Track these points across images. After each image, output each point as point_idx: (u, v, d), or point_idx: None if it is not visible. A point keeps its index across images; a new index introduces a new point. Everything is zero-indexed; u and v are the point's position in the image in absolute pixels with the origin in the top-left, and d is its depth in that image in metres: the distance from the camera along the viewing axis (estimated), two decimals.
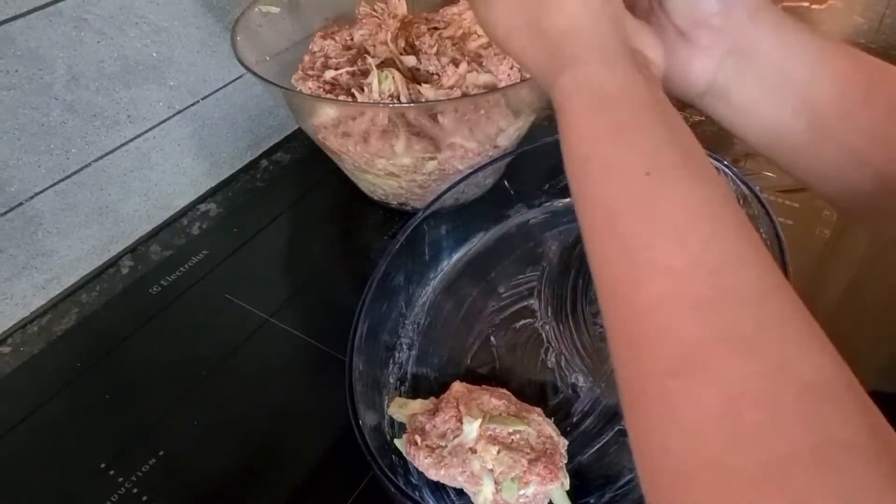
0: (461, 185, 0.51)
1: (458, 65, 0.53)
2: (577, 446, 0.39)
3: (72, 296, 0.56)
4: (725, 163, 0.43)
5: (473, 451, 0.36)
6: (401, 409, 0.41)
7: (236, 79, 0.64)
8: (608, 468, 0.39)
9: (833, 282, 0.50)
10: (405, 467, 0.38)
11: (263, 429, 0.44)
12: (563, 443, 0.38)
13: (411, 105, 0.50)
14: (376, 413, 0.40)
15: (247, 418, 0.45)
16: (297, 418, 0.45)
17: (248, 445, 0.43)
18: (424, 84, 0.52)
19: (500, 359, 0.46)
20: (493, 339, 0.47)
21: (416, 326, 0.48)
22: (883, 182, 0.30)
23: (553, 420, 0.39)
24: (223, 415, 0.45)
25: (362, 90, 0.52)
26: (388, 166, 0.53)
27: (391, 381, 0.44)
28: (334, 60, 0.56)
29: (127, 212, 0.59)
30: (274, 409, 0.45)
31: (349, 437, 0.36)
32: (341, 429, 0.40)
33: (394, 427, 0.41)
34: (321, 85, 0.53)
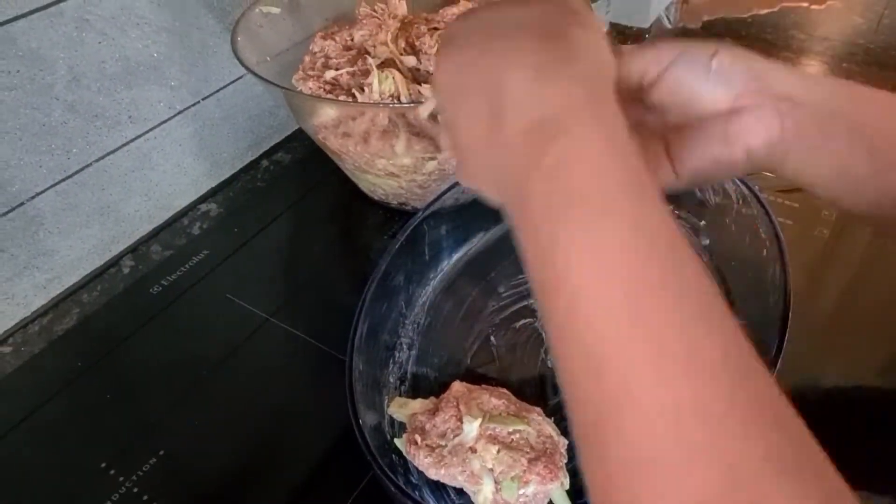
0: (461, 185, 0.51)
1: None
2: None
3: (73, 295, 0.56)
4: None
5: (473, 450, 0.36)
6: (401, 408, 0.41)
7: (237, 79, 0.64)
8: None
9: (833, 282, 0.50)
10: (405, 467, 0.38)
11: (263, 429, 0.44)
12: (563, 442, 0.38)
13: (411, 105, 0.50)
14: (376, 413, 0.40)
15: (247, 418, 0.45)
16: (297, 418, 0.45)
17: (249, 445, 0.43)
18: (425, 84, 0.52)
19: (500, 358, 0.46)
20: (493, 338, 0.47)
21: (416, 326, 0.49)
22: None
23: (553, 420, 0.39)
24: (223, 414, 0.45)
25: (363, 90, 0.52)
26: (388, 166, 0.53)
27: (391, 380, 0.44)
28: (335, 61, 0.56)
29: (128, 212, 0.59)
30: (274, 408, 0.45)
31: (349, 437, 0.36)
32: (341, 429, 0.40)
33: (394, 427, 0.41)
34: (321, 85, 0.53)
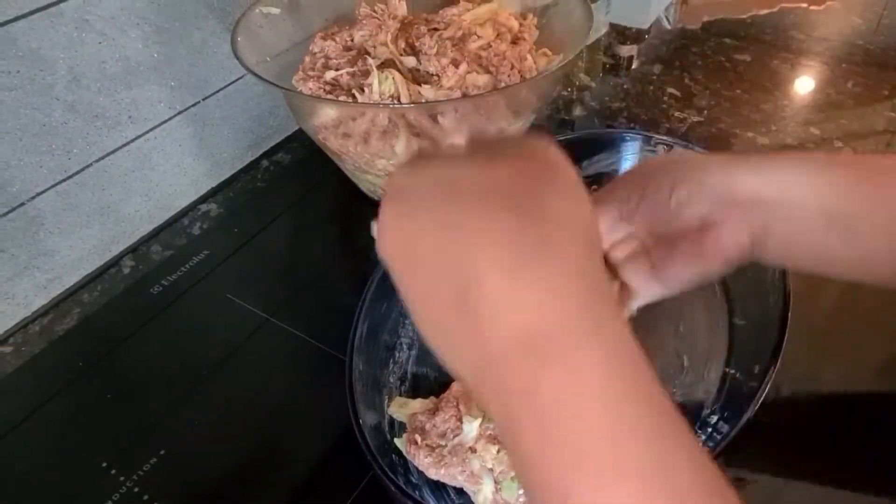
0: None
1: (457, 65, 0.53)
2: None
3: (73, 295, 0.56)
4: None
5: (473, 450, 0.37)
6: (401, 408, 0.41)
7: (237, 79, 0.64)
8: None
9: (833, 282, 0.50)
10: (405, 466, 0.38)
11: (263, 429, 0.44)
12: None
13: (411, 106, 0.51)
14: (376, 413, 0.40)
15: (247, 418, 0.45)
16: (297, 418, 0.45)
17: (249, 445, 0.43)
18: (424, 85, 0.52)
19: None
20: None
21: (416, 326, 0.48)
22: None
23: None
24: (224, 414, 0.45)
25: (363, 91, 0.52)
26: (388, 167, 0.53)
27: (391, 380, 0.44)
28: (335, 61, 0.56)
29: (128, 212, 0.59)
30: (274, 408, 0.45)
31: (349, 437, 0.36)
32: (341, 429, 0.40)
33: (394, 426, 0.41)
34: (322, 86, 0.53)
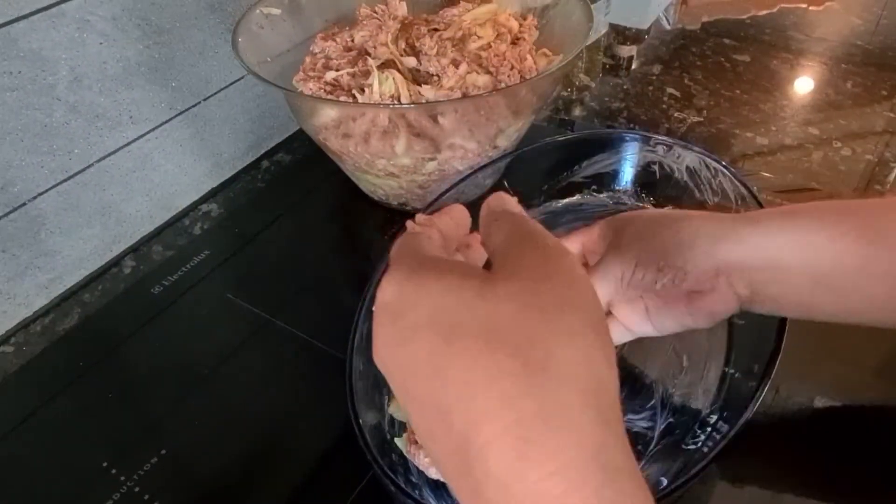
0: (461, 185, 0.51)
1: (458, 66, 0.53)
2: None
3: (74, 295, 0.56)
4: (724, 163, 0.44)
5: None
6: (401, 408, 0.41)
7: (237, 80, 0.64)
8: None
9: None
10: (405, 466, 0.38)
11: (264, 428, 0.44)
12: None
13: (412, 106, 0.51)
14: (376, 412, 0.40)
15: (247, 417, 0.45)
16: (297, 418, 0.45)
17: (249, 444, 0.43)
18: (425, 85, 0.52)
19: None
20: None
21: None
22: None
23: None
24: (224, 414, 0.45)
25: (363, 91, 0.52)
26: (388, 167, 0.53)
27: None
28: (335, 62, 0.56)
29: (129, 212, 0.59)
30: (274, 408, 0.46)
31: (349, 437, 0.36)
32: (341, 429, 0.40)
33: (394, 426, 0.41)
34: (322, 86, 0.54)
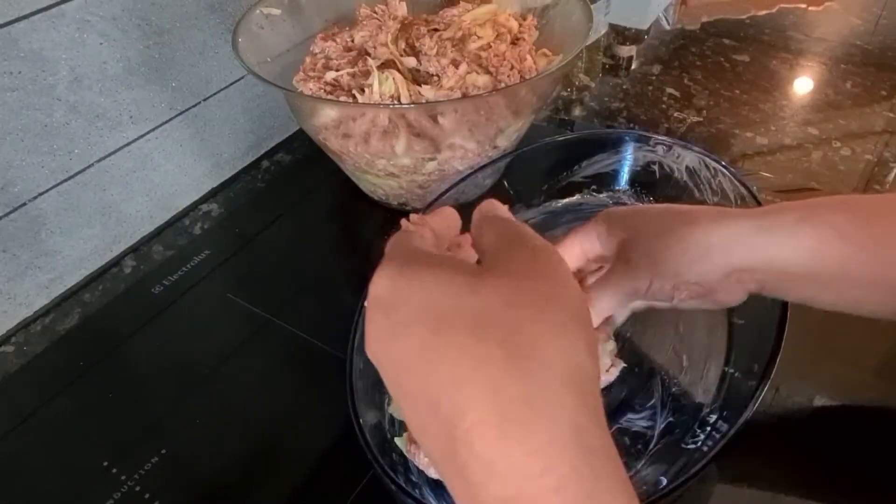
0: (461, 185, 0.51)
1: (457, 66, 0.53)
2: None
3: (75, 295, 0.56)
4: (723, 163, 0.44)
5: None
6: (395, 402, 0.41)
7: (238, 80, 0.64)
8: None
9: None
10: (405, 465, 0.38)
11: (264, 428, 0.45)
12: None
13: (411, 106, 0.51)
14: (377, 411, 0.41)
15: (247, 417, 0.45)
16: (297, 418, 0.45)
17: (249, 444, 0.44)
18: (424, 85, 0.53)
19: None
20: None
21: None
22: None
23: None
24: (224, 413, 0.46)
25: (363, 91, 0.52)
26: (388, 167, 0.53)
27: None
28: (335, 62, 0.56)
29: (129, 212, 0.59)
30: (274, 408, 0.46)
31: (349, 437, 0.36)
32: (341, 428, 0.41)
33: (394, 425, 0.41)
34: (322, 86, 0.54)
